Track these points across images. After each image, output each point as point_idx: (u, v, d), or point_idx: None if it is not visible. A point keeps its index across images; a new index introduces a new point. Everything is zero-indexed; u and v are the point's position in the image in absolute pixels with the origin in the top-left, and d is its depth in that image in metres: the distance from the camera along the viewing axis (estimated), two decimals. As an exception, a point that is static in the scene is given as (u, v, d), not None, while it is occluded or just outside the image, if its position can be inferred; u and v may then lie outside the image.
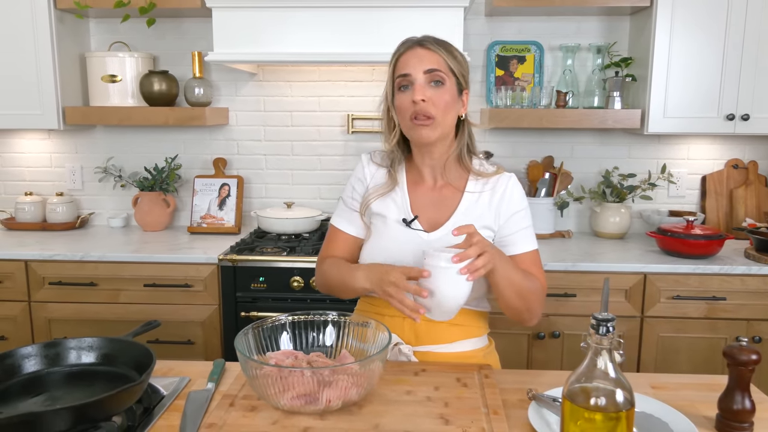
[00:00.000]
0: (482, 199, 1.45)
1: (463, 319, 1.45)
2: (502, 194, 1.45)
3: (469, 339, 1.47)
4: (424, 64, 1.38)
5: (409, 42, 1.43)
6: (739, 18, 2.41)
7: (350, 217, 1.54)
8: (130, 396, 1.07)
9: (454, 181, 1.48)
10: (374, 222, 1.50)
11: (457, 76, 1.41)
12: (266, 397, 1.13)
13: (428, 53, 1.39)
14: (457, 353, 1.45)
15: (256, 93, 2.89)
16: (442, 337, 1.45)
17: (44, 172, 3.00)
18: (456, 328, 1.45)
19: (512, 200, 1.45)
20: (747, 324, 2.30)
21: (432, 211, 1.46)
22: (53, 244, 2.55)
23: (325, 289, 1.54)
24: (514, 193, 1.46)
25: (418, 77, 1.37)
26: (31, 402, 1.13)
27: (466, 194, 1.46)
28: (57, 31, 2.57)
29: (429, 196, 1.48)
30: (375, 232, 1.49)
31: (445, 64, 1.39)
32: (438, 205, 1.47)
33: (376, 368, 1.13)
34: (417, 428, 1.07)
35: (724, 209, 2.81)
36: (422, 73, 1.37)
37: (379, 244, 1.47)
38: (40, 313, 2.45)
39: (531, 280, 1.38)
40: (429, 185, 1.49)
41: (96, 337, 1.24)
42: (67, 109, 2.63)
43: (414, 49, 1.40)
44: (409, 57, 1.40)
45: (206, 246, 2.54)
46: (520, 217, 1.45)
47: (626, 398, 0.83)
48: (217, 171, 2.89)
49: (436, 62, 1.38)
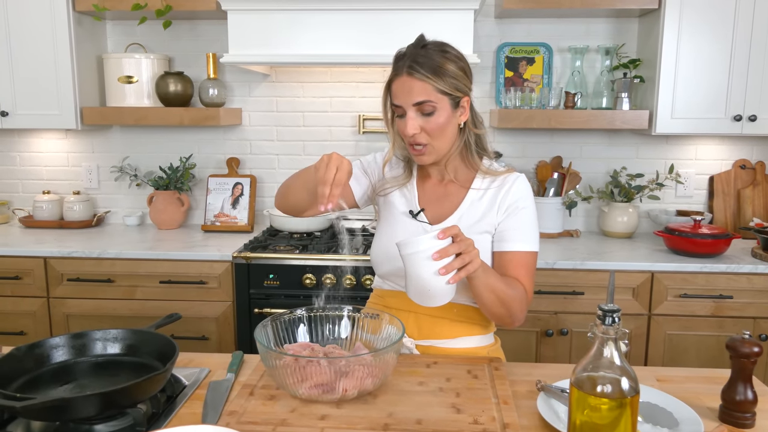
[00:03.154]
0: (487, 196, 1.47)
1: (466, 316, 1.48)
2: (507, 190, 1.46)
3: (473, 336, 1.49)
4: (413, 97, 1.35)
5: (400, 63, 1.38)
6: (747, 19, 2.43)
7: (358, 175, 1.58)
8: (154, 384, 1.11)
9: (461, 179, 1.51)
10: (385, 209, 1.55)
11: (449, 93, 1.37)
12: (285, 387, 1.18)
13: (416, 84, 1.35)
14: (459, 349, 1.47)
15: (268, 94, 2.94)
16: (445, 332, 1.47)
17: (61, 171, 3.07)
18: (459, 325, 1.48)
19: (514, 196, 1.45)
20: (753, 322, 2.33)
21: (437, 205, 1.51)
22: (70, 242, 2.61)
23: (280, 195, 1.55)
24: (518, 190, 1.46)
25: (408, 109, 1.37)
26: (60, 389, 1.18)
27: (471, 190, 1.49)
28: (75, 33, 2.64)
29: (435, 191, 1.52)
30: (384, 219, 1.55)
31: (434, 91, 1.35)
32: (443, 199, 1.51)
33: (390, 359, 1.18)
34: (430, 417, 1.11)
35: (731, 209, 2.83)
36: (412, 105, 1.36)
37: (386, 231, 1.52)
38: (59, 308, 2.51)
39: (513, 287, 1.36)
40: (435, 181, 1.53)
41: (120, 329, 1.29)
42: (85, 110, 2.69)
43: (402, 78, 1.37)
44: (398, 86, 1.38)
45: (220, 244, 2.59)
46: (521, 214, 1.44)
47: (631, 386, 0.87)
48: (231, 170, 2.94)
49: (424, 93, 1.35)
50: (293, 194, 1.51)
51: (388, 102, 1.44)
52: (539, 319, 2.38)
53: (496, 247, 1.46)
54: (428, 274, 1.20)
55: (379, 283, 1.59)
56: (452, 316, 1.48)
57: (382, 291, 1.56)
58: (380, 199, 1.58)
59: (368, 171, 1.61)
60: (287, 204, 1.55)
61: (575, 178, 2.82)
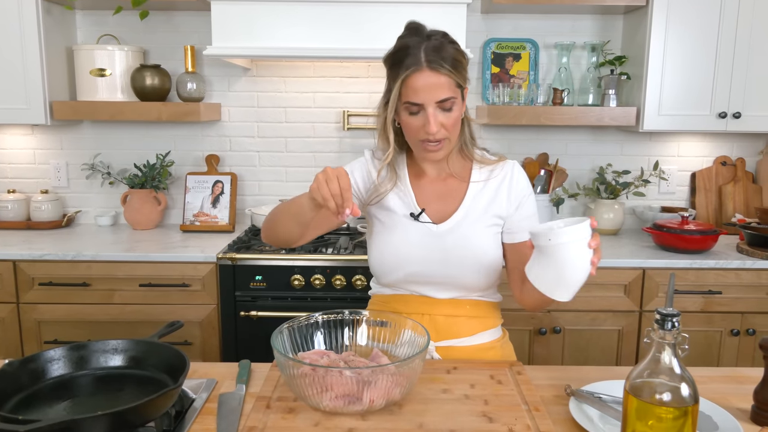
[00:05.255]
0: (489, 187, 1.44)
1: (479, 311, 1.47)
2: (510, 180, 1.44)
3: (487, 330, 1.48)
4: (439, 93, 1.29)
5: (414, 57, 1.30)
6: (731, 18, 2.45)
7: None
8: (167, 400, 1.03)
9: (458, 172, 1.46)
10: (380, 218, 1.47)
11: (462, 86, 1.35)
12: (305, 398, 1.11)
13: (441, 79, 1.29)
14: (476, 346, 1.45)
15: (249, 89, 2.84)
16: (462, 330, 1.45)
17: (27, 169, 2.90)
18: (474, 321, 1.46)
19: (520, 185, 1.44)
20: (742, 317, 2.36)
21: (438, 202, 1.45)
22: (41, 244, 2.47)
23: (267, 229, 1.45)
24: (521, 179, 1.45)
25: (429, 106, 1.30)
26: (59, 407, 1.08)
27: (472, 184, 1.44)
28: (44, 23, 2.49)
29: (433, 188, 1.46)
30: (382, 227, 1.46)
31: (455, 86, 1.32)
32: (444, 196, 1.45)
33: (417, 366, 1.12)
34: (462, 427, 1.06)
35: (713, 205, 2.87)
36: (434, 103, 1.30)
37: (389, 239, 1.44)
38: (30, 314, 2.37)
39: None
40: (432, 177, 1.47)
41: (123, 340, 1.20)
42: (55, 104, 2.54)
43: (422, 72, 1.29)
44: (418, 83, 1.29)
45: (201, 245, 2.49)
46: (529, 202, 1.45)
47: (690, 393, 0.84)
48: (210, 168, 2.83)
49: (447, 89, 1.30)
50: (282, 226, 1.40)
51: (396, 99, 1.33)
52: (532, 317, 2.36)
53: (511, 239, 1.44)
54: (584, 262, 1.14)
55: (380, 290, 1.53)
56: (466, 312, 1.45)
57: (386, 296, 1.50)
58: (372, 208, 1.48)
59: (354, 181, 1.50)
60: (276, 237, 1.44)
61: (562, 175, 2.81)
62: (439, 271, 1.41)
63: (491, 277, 1.44)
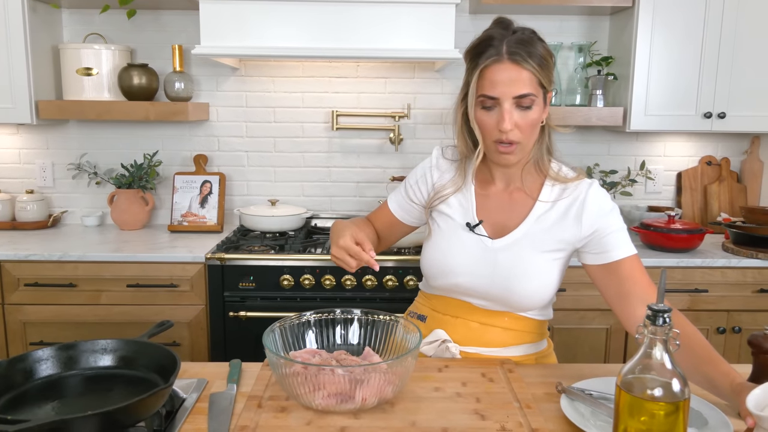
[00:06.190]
0: (557, 208, 1.34)
1: (518, 325, 1.40)
2: (583, 203, 1.31)
3: (521, 344, 1.41)
4: (516, 89, 1.21)
5: (495, 48, 1.23)
6: (716, 19, 2.48)
7: (404, 205, 1.49)
8: (158, 400, 1.02)
9: (528, 186, 1.36)
10: (438, 222, 1.41)
11: (545, 87, 1.26)
12: (297, 397, 1.10)
13: (520, 72, 1.21)
14: (504, 357, 1.38)
15: (237, 88, 2.83)
16: (495, 341, 1.39)
17: (12, 169, 2.87)
18: (510, 333, 1.40)
19: (594, 208, 1.31)
20: (728, 315, 2.38)
21: (500, 215, 1.37)
22: (26, 244, 2.44)
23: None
24: (596, 201, 1.32)
25: (506, 101, 1.22)
26: (48, 407, 1.07)
27: (539, 203, 1.34)
28: (30, 21, 2.46)
29: (498, 200, 1.38)
30: (437, 231, 1.41)
31: (537, 84, 1.23)
32: (507, 210, 1.37)
33: (410, 365, 1.12)
34: (454, 425, 1.06)
35: (699, 204, 2.90)
36: (512, 97, 1.22)
37: (440, 245, 1.39)
38: (15, 316, 2.34)
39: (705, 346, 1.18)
40: (499, 188, 1.39)
41: (112, 339, 1.19)
42: (41, 103, 2.52)
43: (503, 63, 1.21)
44: (497, 75, 1.22)
45: (190, 245, 2.47)
46: (612, 219, 1.32)
47: (682, 389, 0.84)
48: (198, 168, 2.81)
49: (528, 84, 1.22)
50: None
51: (473, 92, 1.26)
52: (521, 316, 2.36)
53: (599, 260, 1.32)
54: None
55: (426, 288, 1.51)
56: (504, 324, 1.39)
57: (430, 295, 1.48)
58: (432, 211, 1.43)
59: (412, 196, 1.47)
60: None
61: (550, 174, 2.83)
62: (485, 286, 1.35)
63: (537, 303, 1.36)
